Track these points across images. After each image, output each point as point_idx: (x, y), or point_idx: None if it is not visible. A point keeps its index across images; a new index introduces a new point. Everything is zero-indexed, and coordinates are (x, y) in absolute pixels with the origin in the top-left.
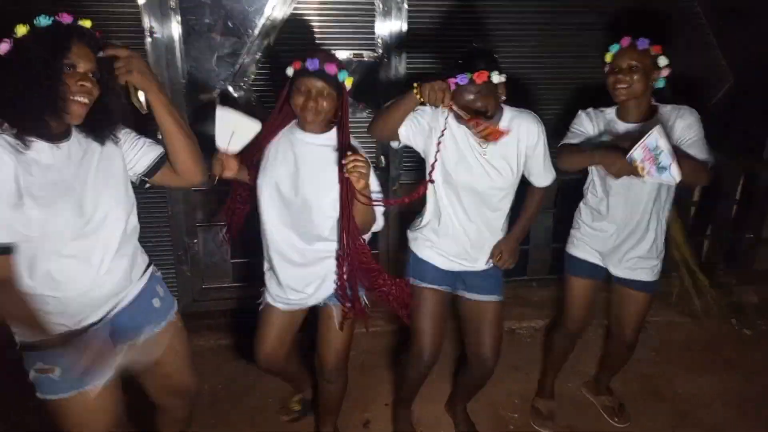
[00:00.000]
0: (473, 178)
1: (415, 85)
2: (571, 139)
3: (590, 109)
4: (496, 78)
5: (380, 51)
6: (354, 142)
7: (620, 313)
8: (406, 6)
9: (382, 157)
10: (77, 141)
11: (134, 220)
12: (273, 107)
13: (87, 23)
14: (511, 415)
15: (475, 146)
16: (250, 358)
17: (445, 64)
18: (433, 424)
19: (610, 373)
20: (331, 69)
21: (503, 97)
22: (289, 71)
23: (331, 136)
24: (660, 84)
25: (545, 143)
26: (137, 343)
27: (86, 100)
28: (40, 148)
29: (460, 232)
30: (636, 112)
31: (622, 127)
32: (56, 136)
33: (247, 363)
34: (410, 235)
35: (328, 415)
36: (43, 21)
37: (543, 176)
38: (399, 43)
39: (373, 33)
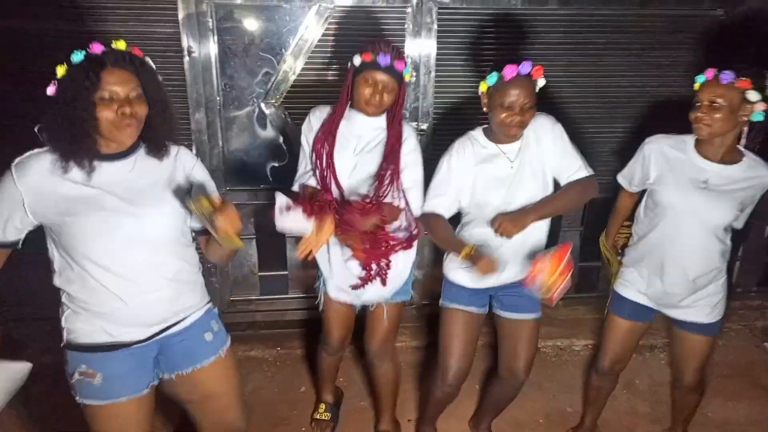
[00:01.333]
0: (506, 199)
1: (469, 248)
2: (626, 176)
3: (662, 139)
4: (541, 81)
5: (410, 70)
6: (408, 129)
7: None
8: (435, 27)
9: None
10: (138, 157)
11: (188, 243)
12: (300, 124)
13: (121, 45)
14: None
15: (505, 165)
16: (276, 370)
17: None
18: None
19: (683, 423)
20: (400, 66)
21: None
22: (357, 60)
23: (381, 121)
24: (757, 117)
25: (564, 137)
26: (185, 373)
27: (131, 123)
28: (98, 166)
29: (493, 251)
30: (719, 152)
31: (701, 163)
32: (116, 154)
33: (272, 375)
34: (445, 258)
35: (385, 409)
36: (76, 57)
37: (576, 169)
38: (428, 63)
39: (404, 52)
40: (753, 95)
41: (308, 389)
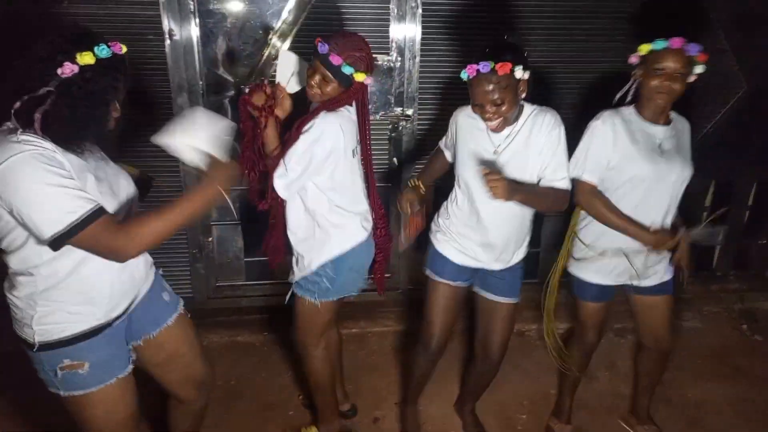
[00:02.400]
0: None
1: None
2: (590, 171)
3: (606, 115)
4: (519, 73)
5: (394, 55)
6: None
7: (651, 323)
8: (420, 11)
9: (395, 159)
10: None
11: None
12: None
13: (124, 48)
14: (519, 416)
15: (488, 148)
16: (262, 355)
17: (468, 55)
18: (441, 423)
19: (650, 394)
20: (335, 60)
21: (524, 95)
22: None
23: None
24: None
25: (562, 140)
26: (152, 337)
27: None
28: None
29: (479, 232)
30: (665, 116)
31: (652, 129)
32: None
33: (258, 360)
34: (433, 227)
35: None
36: (104, 52)
37: (558, 179)
38: (413, 47)
39: (388, 37)
40: (700, 68)
41: (294, 374)
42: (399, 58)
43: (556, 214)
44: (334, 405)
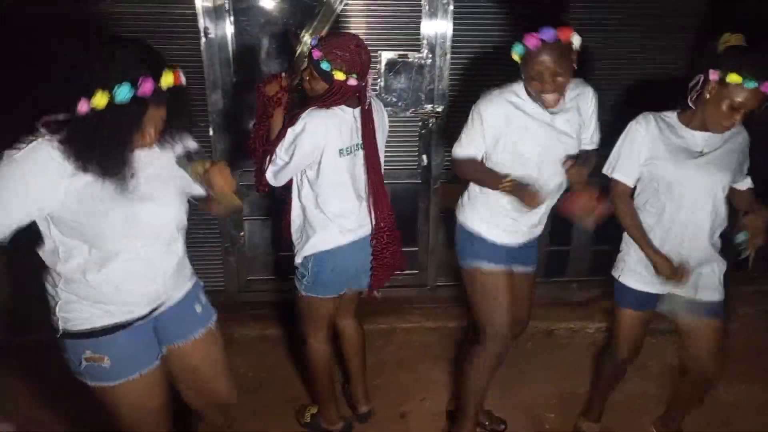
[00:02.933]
0: (542, 149)
1: (508, 180)
2: (620, 171)
3: (644, 117)
4: (577, 40)
5: (425, 51)
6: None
7: (698, 347)
8: (452, 7)
9: (424, 156)
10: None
11: (184, 217)
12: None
13: (169, 79)
14: (547, 415)
15: (541, 114)
16: (291, 349)
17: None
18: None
19: (684, 413)
20: (315, 54)
21: (575, 66)
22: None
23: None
24: None
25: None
26: (177, 346)
27: (152, 141)
28: None
29: (530, 215)
30: (704, 122)
31: (692, 134)
32: None
33: (287, 353)
34: (468, 212)
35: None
36: (122, 95)
37: (594, 140)
38: (444, 44)
39: (419, 34)
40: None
41: (295, 369)
42: (430, 55)
43: None
44: (329, 396)
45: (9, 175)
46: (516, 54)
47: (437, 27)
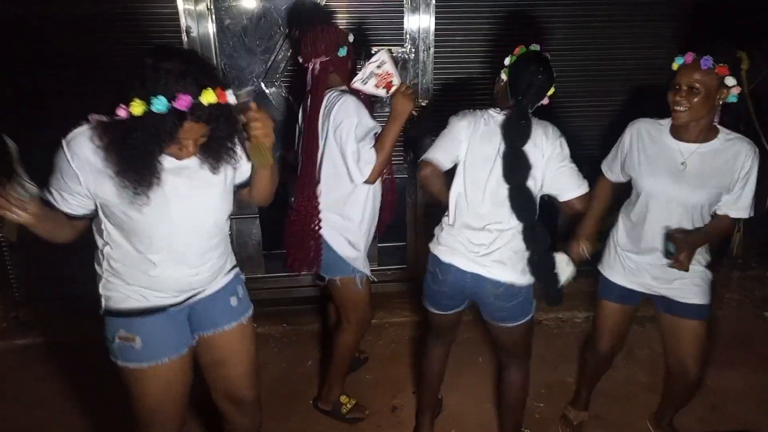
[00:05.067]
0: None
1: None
2: (606, 166)
3: (635, 122)
4: (730, 81)
5: (408, 46)
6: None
7: (678, 349)
8: (434, 2)
9: (411, 151)
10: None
11: (224, 216)
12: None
13: (209, 97)
14: (537, 404)
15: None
16: (282, 347)
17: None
18: (458, 414)
19: (674, 411)
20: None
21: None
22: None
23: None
24: (732, 99)
25: (566, 151)
26: (207, 335)
27: (190, 153)
28: None
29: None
30: (694, 132)
31: (676, 146)
32: None
33: (278, 351)
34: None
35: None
36: (160, 106)
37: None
38: (427, 39)
39: (402, 28)
40: (730, 80)
41: (314, 364)
42: (413, 50)
43: None
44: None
45: (57, 159)
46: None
47: (420, 21)
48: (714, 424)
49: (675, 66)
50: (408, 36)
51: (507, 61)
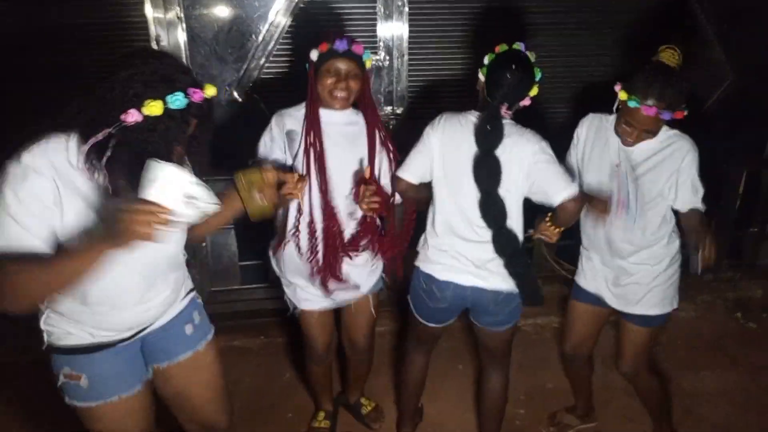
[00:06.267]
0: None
1: None
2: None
3: (586, 117)
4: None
5: (383, 54)
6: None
7: (621, 345)
8: (407, 9)
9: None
10: None
11: (182, 243)
12: (274, 111)
13: (211, 90)
14: (517, 411)
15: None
16: (259, 359)
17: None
18: (438, 422)
19: (661, 419)
20: (358, 49)
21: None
22: (314, 54)
23: (353, 114)
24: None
25: (549, 154)
26: (162, 368)
27: (180, 156)
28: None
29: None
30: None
31: (616, 144)
32: None
33: (256, 364)
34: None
35: (358, 385)
36: (177, 103)
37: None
38: (401, 46)
39: (376, 36)
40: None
41: (292, 377)
42: (387, 57)
43: None
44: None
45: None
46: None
47: (393, 29)
48: (688, 426)
49: (624, 96)
50: (382, 43)
51: (486, 59)
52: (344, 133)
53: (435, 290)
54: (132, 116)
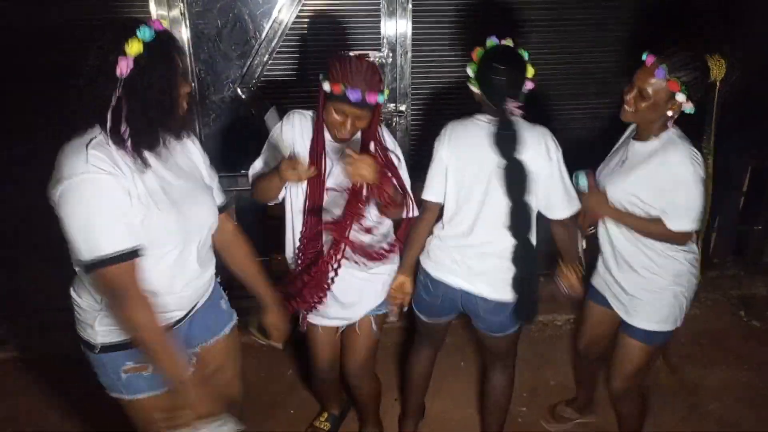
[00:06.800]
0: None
1: None
2: None
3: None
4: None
5: (386, 51)
6: (388, 137)
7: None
8: (410, 6)
9: None
10: (170, 144)
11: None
12: (280, 107)
13: (165, 21)
14: (519, 409)
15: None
16: (260, 356)
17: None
18: (441, 421)
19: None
20: (372, 99)
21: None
22: (326, 86)
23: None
24: (688, 111)
25: (561, 166)
26: (208, 344)
27: (185, 111)
28: (150, 159)
29: None
30: (646, 133)
31: (634, 145)
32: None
33: (257, 361)
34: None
35: (370, 415)
36: (147, 33)
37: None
38: (404, 43)
39: (379, 33)
40: (680, 96)
41: (294, 373)
42: (391, 55)
43: None
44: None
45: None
46: None
47: (397, 26)
48: (694, 422)
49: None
50: (385, 41)
51: (470, 71)
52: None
53: (429, 285)
54: (124, 64)
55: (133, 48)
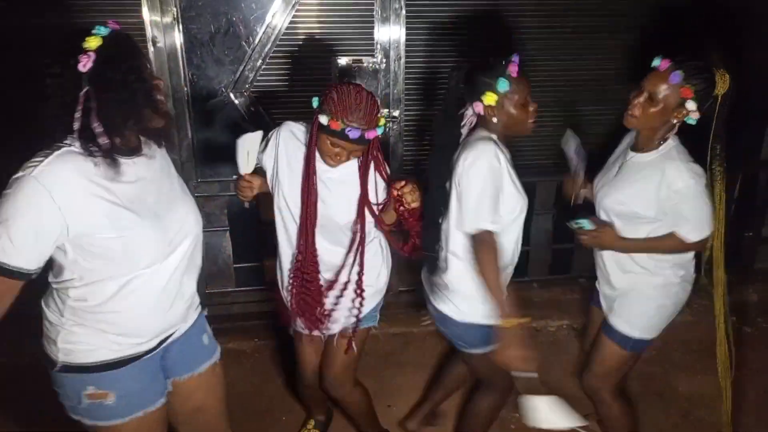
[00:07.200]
0: None
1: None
2: None
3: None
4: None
5: (379, 57)
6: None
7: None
8: (404, 12)
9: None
10: (147, 152)
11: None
12: (271, 113)
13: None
14: (512, 414)
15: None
16: (254, 362)
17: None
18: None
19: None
20: (371, 135)
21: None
22: (323, 120)
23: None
24: (690, 121)
25: (480, 182)
26: (182, 380)
27: (164, 104)
28: (126, 167)
29: None
30: (647, 142)
31: (633, 157)
32: (133, 149)
33: (250, 367)
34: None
35: (368, 427)
36: (103, 30)
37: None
38: (398, 48)
39: (373, 39)
40: (691, 104)
41: (286, 380)
42: (384, 60)
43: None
44: None
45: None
46: None
47: (390, 32)
48: (687, 429)
49: (652, 64)
50: (379, 46)
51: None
52: (333, 178)
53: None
54: (85, 59)
55: (92, 42)
